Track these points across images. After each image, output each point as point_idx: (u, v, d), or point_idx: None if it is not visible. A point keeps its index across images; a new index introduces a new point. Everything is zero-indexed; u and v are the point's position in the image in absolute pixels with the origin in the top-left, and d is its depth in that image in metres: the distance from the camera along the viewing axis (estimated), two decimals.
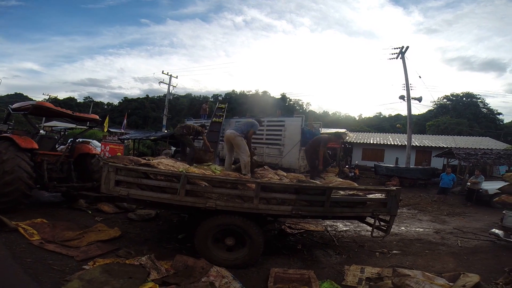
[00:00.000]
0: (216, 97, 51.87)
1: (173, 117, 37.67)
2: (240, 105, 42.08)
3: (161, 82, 26.76)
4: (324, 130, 17.09)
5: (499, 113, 39.90)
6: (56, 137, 7.33)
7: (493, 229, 5.62)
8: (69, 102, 49.97)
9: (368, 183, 15.06)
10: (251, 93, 52.90)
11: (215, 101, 37.26)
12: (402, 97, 18.33)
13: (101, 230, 4.49)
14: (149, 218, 5.51)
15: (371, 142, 22.57)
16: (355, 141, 22.77)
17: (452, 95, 41.94)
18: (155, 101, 52.88)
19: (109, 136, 16.17)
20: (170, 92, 28.07)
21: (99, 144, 15.64)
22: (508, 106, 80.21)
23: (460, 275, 3.38)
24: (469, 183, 11.34)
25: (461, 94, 41.44)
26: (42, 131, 8.41)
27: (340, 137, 7.54)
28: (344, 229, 6.02)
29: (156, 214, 5.69)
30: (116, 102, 60.28)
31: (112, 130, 20.68)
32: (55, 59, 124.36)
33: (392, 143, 21.86)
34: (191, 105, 49.33)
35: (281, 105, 42.20)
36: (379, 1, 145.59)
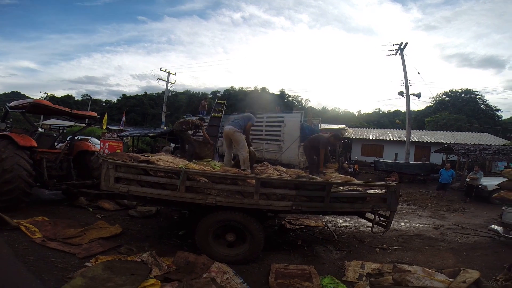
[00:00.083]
0: (215, 93, 51.74)
1: (172, 114, 37.66)
2: (239, 101, 41.94)
3: (159, 79, 26.56)
4: (324, 126, 17.08)
5: (498, 110, 40.09)
6: (55, 135, 7.31)
7: (492, 225, 5.64)
8: (67, 100, 49.83)
9: (368, 178, 15.07)
10: (250, 89, 52.95)
11: (213, 98, 37.11)
12: (401, 93, 18.34)
13: (102, 227, 4.51)
14: (149, 214, 5.53)
15: (370, 138, 22.56)
16: (354, 137, 22.79)
17: (451, 91, 42.01)
18: (153, 98, 52.80)
19: (108, 133, 16.12)
20: (169, 89, 28.01)
21: (98, 141, 15.62)
22: (507, 102, 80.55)
23: (460, 271, 3.39)
24: (468, 179, 11.38)
25: (460, 91, 41.54)
26: (40, 129, 8.37)
27: (339, 139, 7.52)
28: (344, 224, 6.05)
29: (157, 210, 5.70)
30: (114, 99, 60.20)
31: (111, 128, 20.59)
32: (51, 57, 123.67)
33: (391, 138, 21.87)
34: (190, 101, 49.23)
35: (280, 101, 42.09)
36: None
